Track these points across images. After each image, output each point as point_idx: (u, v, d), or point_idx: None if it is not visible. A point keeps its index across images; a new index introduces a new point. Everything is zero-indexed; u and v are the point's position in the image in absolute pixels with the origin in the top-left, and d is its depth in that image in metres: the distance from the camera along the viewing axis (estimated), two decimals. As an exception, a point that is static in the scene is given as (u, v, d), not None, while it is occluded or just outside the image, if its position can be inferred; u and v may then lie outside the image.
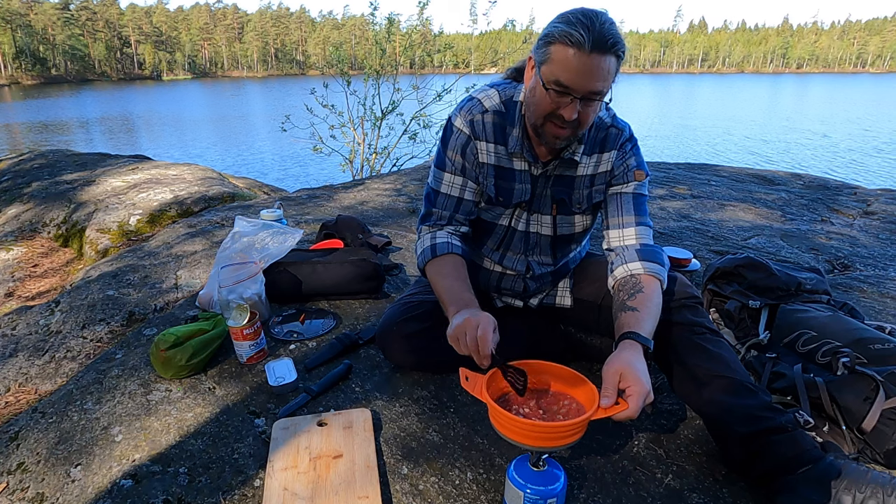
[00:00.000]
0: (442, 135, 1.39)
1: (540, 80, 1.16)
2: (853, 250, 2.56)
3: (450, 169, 1.37)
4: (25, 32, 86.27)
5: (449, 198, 1.38)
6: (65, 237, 3.49)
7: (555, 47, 1.11)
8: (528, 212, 1.39)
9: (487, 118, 1.32)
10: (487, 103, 1.33)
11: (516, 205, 1.37)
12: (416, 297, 1.53)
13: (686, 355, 1.21)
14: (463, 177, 1.36)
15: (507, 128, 1.32)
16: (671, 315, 1.25)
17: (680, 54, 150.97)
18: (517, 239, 1.42)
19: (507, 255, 1.45)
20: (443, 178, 1.38)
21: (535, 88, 1.19)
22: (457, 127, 1.34)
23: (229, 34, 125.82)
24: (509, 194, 1.36)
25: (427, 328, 1.44)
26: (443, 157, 1.38)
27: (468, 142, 1.33)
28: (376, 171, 7.39)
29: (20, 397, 1.67)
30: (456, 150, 1.35)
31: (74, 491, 1.16)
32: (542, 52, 1.14)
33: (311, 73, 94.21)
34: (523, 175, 1.34)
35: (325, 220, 2.51)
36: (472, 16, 8.09)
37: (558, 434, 0.93)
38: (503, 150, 1.33)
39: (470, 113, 1.33)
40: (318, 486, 1.11)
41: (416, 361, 1.51)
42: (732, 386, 1.15)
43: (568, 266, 1.52)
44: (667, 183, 3.87)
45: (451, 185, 1.38)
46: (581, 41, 1.07)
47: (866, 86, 63.15)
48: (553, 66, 1.12)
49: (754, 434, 1.10)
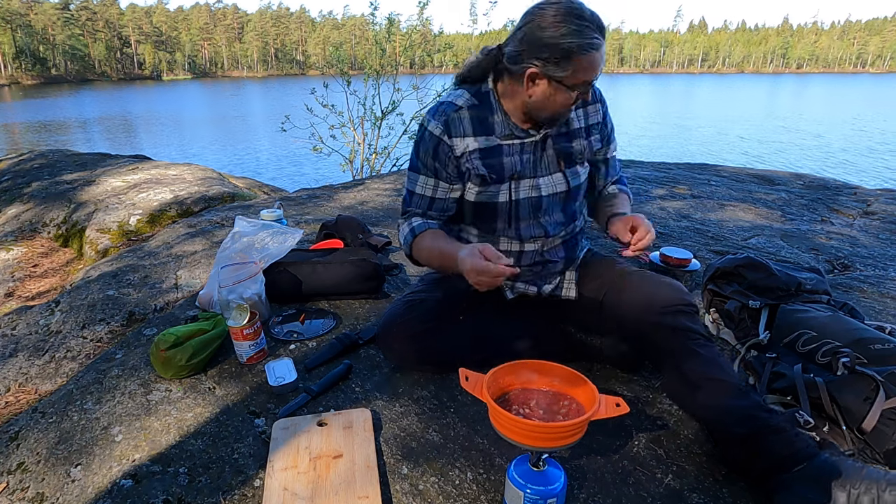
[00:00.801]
0: (415, 140, 1.45)
1: (564, 87, 1.25)
2: (853, 250, 2.56)
3: (422, 171, 1.43)
4: (25, 32, 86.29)
5: (423, 197, 1.46)
6: (65, 237, 3.49)
7: (577, 58, 1.21)
8: (533, 178, 1.41)
9: (463, 114, 1.37)
10: (460, 101, 1.39)
11: (510, 177, 1.40)
12: (418, 296, 1.54)
13: (681, 360, 1.24)
14: (435, 178, 1.42)
15: (489, 117, 1.37)
16: (668, 319, 1.27)
17: (680, 54, 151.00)
18: (523, 208, 1.43)
19: (522, 225, 1.46)
20: (417, 179, 1.45)
21: (556, 95, 1.27)
22: (429, 131, 1.39)
23: (229, 34, 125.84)
24: (500, 169, 1.39)
25: (429, 328, 1.45)
26: (416, 162, 1.45)
27: (439, 143, 1.38)
28: (376, 171, 7.39)
29: (20, 397, 1.68)
30: (427, 154, 1.40)
31: (74, 491, 1.16)
32: (564, 66, 1.22)
33: (311, 73, 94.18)
34: (512, 148, 1.39)
35: (325, 220, 2.51)
36: (472, 16, 8.10)
37: (558, 434, 0.94)
38: (489, 139, 1.38)
39: (444, 114, 1.38)
40: (318, 486, 1.11)
41: (418, 360, 1.51)
42: (727, 388, 1.18)
43: (576, 238, 1.55)
44: (667, 183, 3.87)
45: (424, 186, 1.45)
46: (598, 43, 1.21)
47: (866, 86, 63.18)
48: (580, 72, 1.23)
49: (751, 434, 1.11)
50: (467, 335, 1.48)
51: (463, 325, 1.48)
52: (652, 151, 15.14)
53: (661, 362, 1.30)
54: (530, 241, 1.47)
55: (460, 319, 1.49)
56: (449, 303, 1.50)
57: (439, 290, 1.54)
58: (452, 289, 1.52)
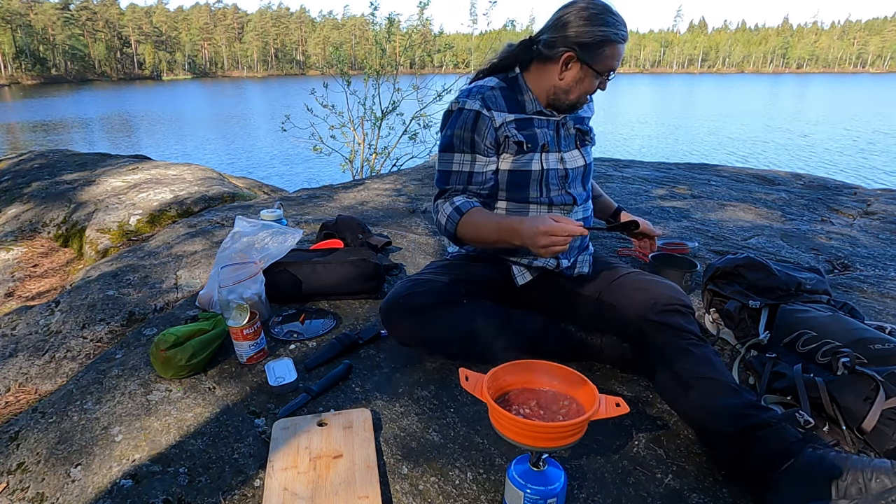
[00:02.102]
0: (445, 122, 1.53)
1: (594, 72, 1.42)
2: (853, 250, 2.56)
3: (458, 148, 1.49)
4: (25, 32, 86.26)
5: (461, 174, 1.50)
6: (65, 237, 3.49)
7: (609, 47, 1.40)
8: (558, 152, 1.54)
9: (496, 93, 1.49)
10: (491, 83, 1.51)
11: (542, 147, 1.51)
12: (423, 276, 1.56)
13: (673, 359, 1.25)
14: (472, 152, 1.48)
15: (518, 97, 1.51)
16: (662, 317, 1.29)
17: (680, 54, 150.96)
18: (552, 178, 1.52)
19: (552, 192, 1.53)
20: (452, 158, 1.50)
21: (586, 79, 1.44)
22: (466, 108, 1.47)
23: (229, 34, 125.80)
24: (534, 139, 1.51)
25: (433, 304, 1.45)
26: (449, 139, 1.50)
27: (479, 116, 1.46)
28: (376, 171, 7.39)
29: (20, 397, 1.68)
30: (465, 128, 1.47)
31: (74, 491, 1.16)
32: (599, 52, 1.40)
33: (311, 73, 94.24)
34: (541, 122, 1.53)
35: (325, 220, 2.50)
36: (472, 16, 8.10)
37: (558, 434, 0.93)
38: (520, 116, 1.51)
39: (480, 93, 1.48)
40: (318, 486, 1.11)
41: (419, 336, 1.50)
42: (717, 387, 1.18)
43: (589, 221, 1.65)
44: (667, 183, 3.87)
45: (461, 163, 1.50)
46: (626, 36, 1.42)
47: (865, 86, 63.17)
48: (609, 60, 1.41)
49: (740, 432, 1.11)
50: (469, 319, 1.48)
51: (466, 309, 1.49)
52: (641, 151, 15.13)
53: (654, 363, 1.31)
54: (559, 208, 1.53)
55: (464, 303, 1.50)
56: (454, 286, 1.51)
57: (446, 275, 1.55)
58: (459, 275, 1.56)
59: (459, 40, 15.89)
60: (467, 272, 1.59)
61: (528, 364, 1.08)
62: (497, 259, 1.60)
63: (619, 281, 1.44)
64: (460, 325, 1.47)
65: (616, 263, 1.59)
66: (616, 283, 1.44)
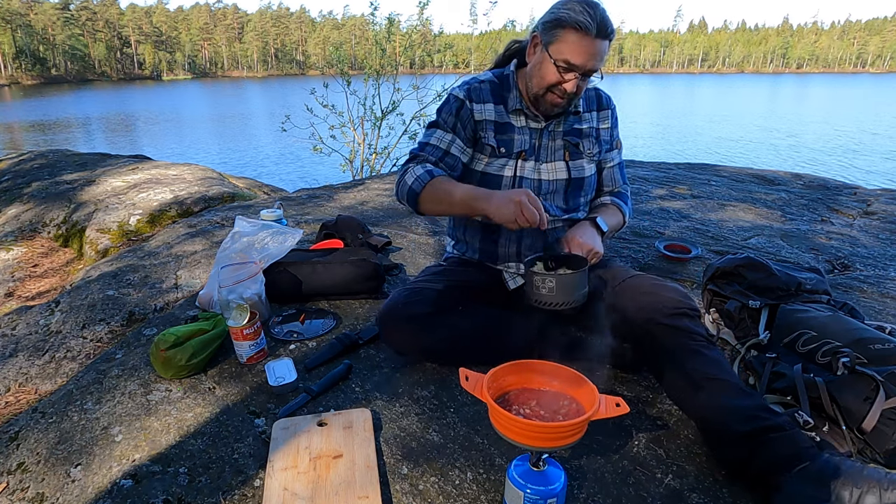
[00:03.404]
0: (439, 107, 1.58)
1: (549, 55, 1.37)
2: (853, 250, 2.56)
3: (441, 126, 1.53)
4: (25, 32, 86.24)
5: (437, 149, 1.52)
6: (65, 237, 3.49)
7: (565, 31, 1.33)
8: (536, 161, 1.53)
9: (484, 85, 1.53)
10: (483, 77, 1.57)
11: (517, 154, 1.51)
12: (419, 284, 1.56)
13: (683, 360, 1.25)
14: (453, 133, 1.51)
15: (504, 92, 1.53)
16: (672, 321, 1.29)
17: (680, 54, 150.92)
18: (525, 187, 1.52)
19: None
20: (434, 132, 1.54)
21: (542, 63, 1.40)
22: (454, 95, 1.54)
23: (229, 34, 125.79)
24: (510, 144, 1.51)
25: (428, 313, 1.46)
26: (436, 119, 1.56)
27: (462, 105, 1.51)
28: (376, 171, 7.39)
29: (20, 397, 1.68)
30: (450, 112, 1.52)
31: (74, 491, 1.16)
32: (553, 33, 1.35)
33: (311, 73, 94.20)
34: (522, 129, 1.53)
35: (325, 220, 2.50)
36: (472, 16, 8.10)
37: (558, 434, 0.93)
38: (502, 109, 1.52)
39: (468, 85, 1.54)
40: (318, 486, 1.11)
41: (417, 345, 1.50)
42: (729, 388, 1.19)
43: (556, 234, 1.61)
44: (667, 183, 3.87)
45: (440, 140, 1.52)
46: (588, 27, 1.31)
47: (865, 86, 63.15)
48: (562, 46, 1.34)
49: (752, 432, 1.11)
50: (466, 325, 1.49)
51: (462, 315, 1.50)
52: (641, 151, 15.14)
53: (664, 363, 1.30)
54: None
55: (459, 309, 1.51)
56: (450, 293, 1.52)
57: (441, 281, 1.56)
58: (454, 281, 1.56)
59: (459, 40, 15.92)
60: (462, 278, 1.59)
61: (528, 364, 1.08)
62: (486, 265, 1.63)
63: (624, 284, 1.43)
64: (457, 335, 1.48)
65: (614, 265, 1.59)
66: (620, 287, 1.43)
